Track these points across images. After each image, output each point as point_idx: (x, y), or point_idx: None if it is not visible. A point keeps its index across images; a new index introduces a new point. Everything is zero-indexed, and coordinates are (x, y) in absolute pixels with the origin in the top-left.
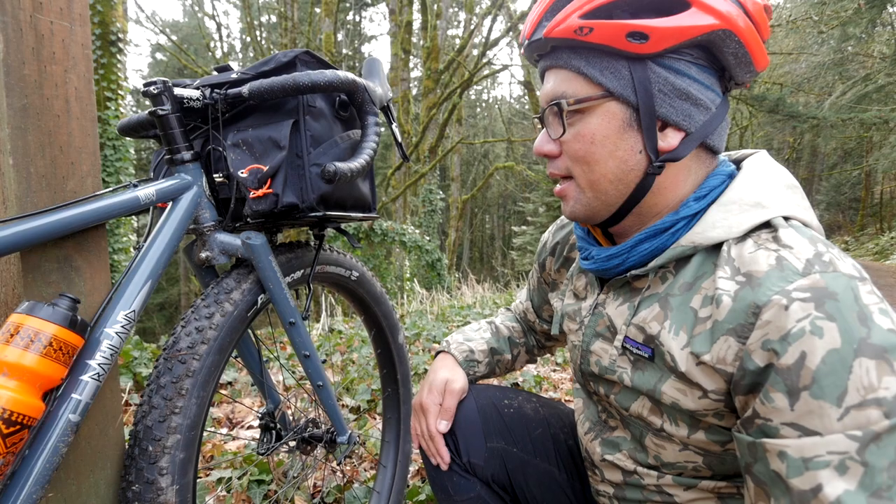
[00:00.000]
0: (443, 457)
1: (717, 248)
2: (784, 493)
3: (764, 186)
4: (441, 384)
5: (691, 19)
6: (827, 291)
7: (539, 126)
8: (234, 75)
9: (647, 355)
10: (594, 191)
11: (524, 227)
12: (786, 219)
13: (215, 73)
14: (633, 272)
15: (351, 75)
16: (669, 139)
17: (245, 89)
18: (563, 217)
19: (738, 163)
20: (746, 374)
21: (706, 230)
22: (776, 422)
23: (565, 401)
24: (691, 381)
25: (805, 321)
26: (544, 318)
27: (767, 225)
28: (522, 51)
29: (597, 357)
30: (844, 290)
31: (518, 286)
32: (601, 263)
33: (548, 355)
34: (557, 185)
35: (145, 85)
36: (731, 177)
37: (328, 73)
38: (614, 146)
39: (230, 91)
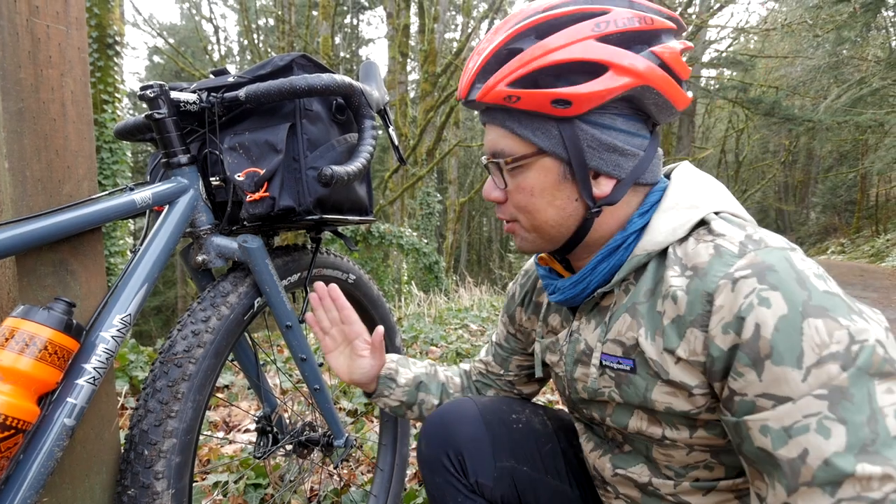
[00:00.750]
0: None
1: (665, 251)
2: (775, 467)
3: (694, 189)
4: None
5: (609, 82)
6: (765, 265)
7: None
8: (230, 79)
9: (628, 368)
10: (538, 232)
11: None
12: (717, 213)
13: (212, 76)
14: (600, 290)
15: (347, 79)
16: (603, 187)
17: (242, 93)
18: (524, 267)
19: (667, 175)
20: (715, 359)
21: (654, 237)
22: (750, 395)
23: (554, 404)
24: (675, 382)
25: (752, 295)
26: (510, 368)
27: (703, 222)
28: (462, 105)
29: (582, 383)
30: (780, 260)
31: None
32: (568, 292)
33: None
34: (505, 223)
35: (142, 88)
36: (665, 189)
37: (325, 77)
38: (552, 196)
39: (227, 94)
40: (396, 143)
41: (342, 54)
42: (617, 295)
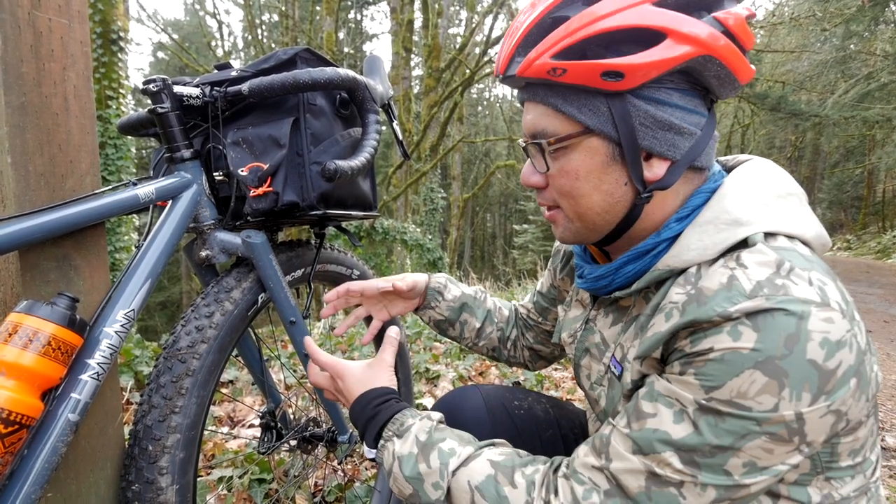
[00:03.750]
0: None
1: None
2: (633, 402)
3: (745, 201)
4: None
5: (667, 52)
6: (766, 310)
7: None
8: (233, 73)
9: (617, 373)
10: (582, 221)
11: (525, 226)
12: (769, 234)
13: (216, 71)
14: (617, 294)
15: (351, 73)
16: (655, 169)
17: (245, 87)
18: None
19: (731, 170)
20: (667, 354)
21: (681, 253)
22: (664, 374)
23: (567, 399)
24: (636, 382)
25: (728, 324)
26: (549, 319)
27: (745, 243)
28: (499, 82)
29: (586, 370)
30: (788, 311)
31: (519, 284)
32: (591, 283)
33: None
34: (546, 211)
35: (144, 83)
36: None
37: (329, 71)
38: (599, 180)
39: (230, 89)
40: (401, 137)
41: (346, 49)
42: (635, 301)
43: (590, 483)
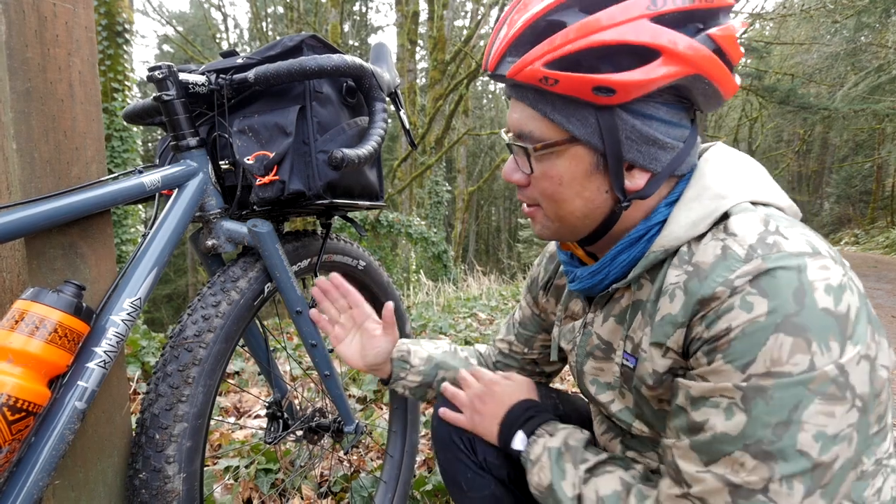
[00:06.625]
0: None
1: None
2: (682, 418)
3: (721, 176)
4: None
5: (659, 70)
6: (764, 269)
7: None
8: (239, 60)
9: (631, 365)
10: (561, 223)
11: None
12: (748, 204)
13: (221, 59)
14: (615, 286)
15: (358, 60)
16: (636, 180)
17: (251, 74)
18: (549, 249)
19: (700, 156)
20: (687, 345)
21: (672, 231)
22: (694, 372)
23: (572, 392)
24: (661, 375)
25: (737, 297)
26: (535, 347)
27: (727, 216)
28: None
29: (591, 376)
30: (786, 267)
31: (523, 278)
32: (586, 281)
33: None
34: (526, 206)
35: (150, 70)
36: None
37: (335, 58)
38: (581, 187)
39: (236, 76)
40: (407, 126)
41: (351, 42)
42: (634, 292)
43: None
